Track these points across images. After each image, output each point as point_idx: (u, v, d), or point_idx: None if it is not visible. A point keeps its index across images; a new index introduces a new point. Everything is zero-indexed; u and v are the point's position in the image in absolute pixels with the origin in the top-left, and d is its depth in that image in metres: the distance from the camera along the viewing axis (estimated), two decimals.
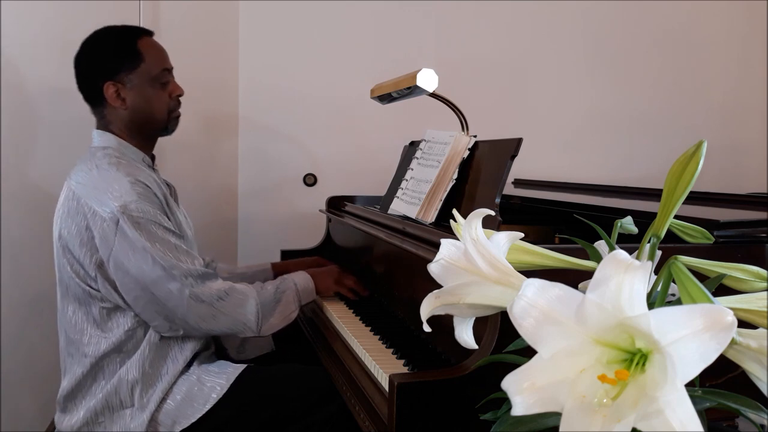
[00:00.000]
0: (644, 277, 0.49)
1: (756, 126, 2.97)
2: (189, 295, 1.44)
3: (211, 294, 1.47)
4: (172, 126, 1.67)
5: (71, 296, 1.52)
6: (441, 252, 0.65)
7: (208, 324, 1.48)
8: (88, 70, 1.60)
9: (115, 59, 1.58)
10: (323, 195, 2.27)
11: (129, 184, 1.46)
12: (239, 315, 1.50)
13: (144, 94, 1.59)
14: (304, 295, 1.65)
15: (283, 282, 1.62)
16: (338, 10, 2.55)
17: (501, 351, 0.73)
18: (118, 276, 1.45)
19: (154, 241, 1.44)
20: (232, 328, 1.51)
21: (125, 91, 1.57)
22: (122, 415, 1.48)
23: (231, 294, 1.49)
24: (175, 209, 1.60)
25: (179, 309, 1.44)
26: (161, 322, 1.47)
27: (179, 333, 1.49)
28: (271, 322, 1.55)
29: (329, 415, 1.46)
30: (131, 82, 1.58)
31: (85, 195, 1.47)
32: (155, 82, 1.60)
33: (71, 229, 1.48)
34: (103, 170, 1.49)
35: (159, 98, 1.61)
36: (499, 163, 1.37)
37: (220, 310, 1.47)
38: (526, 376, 0.51)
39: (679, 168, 0.60)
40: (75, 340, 1.52)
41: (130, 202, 1.43)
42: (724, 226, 1.23)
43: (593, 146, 2.83)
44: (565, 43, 2.78)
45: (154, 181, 1.54)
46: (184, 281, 1.44)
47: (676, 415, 0.45)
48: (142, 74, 1.58)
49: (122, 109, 1.58)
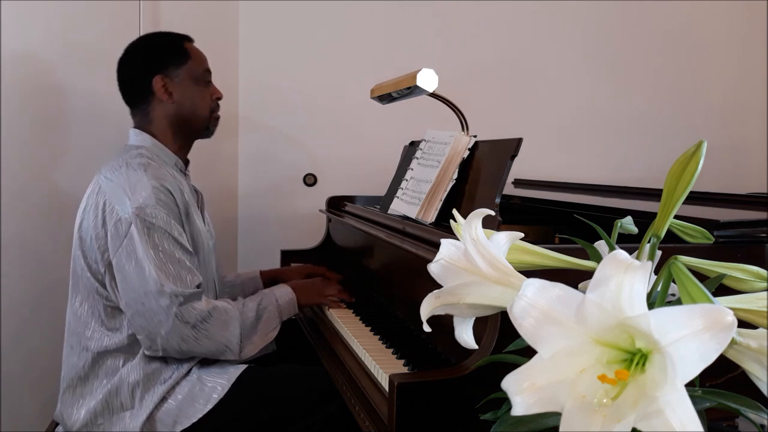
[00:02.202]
0: (644, 277, 0.49)
1: (756, 126, 2.97)
2: (175, 314, 1.42)
3: (196, 315, 1.44)
4: (213, 126, 1.72)
5: (81, 288, 1.53)
6: (441, 252, 0.65)
7: (189, 346, 1.45)
8: (138, 67, 1.65)
9: (164, 55, 1.64)
10: (323, 195, 2.27)
11: (151, 188, 1.46)
12: (222, 338, 1.47)
13: (190, 90, 1.65)
14: (286, 310, 1.63)
15: (265, 297, 1.61)
16: (338, 10, 2.55)
17: (501, 351, 0.73)
18: (118, 277, 1.46)
19: (158, 250, 1.44)
20: (213, 351, 1.48)
21: (173, 86, 1.63)
22: (122, 417, 1.48)
23: (214, 315, 1.46)
24: (195, 218, 1.59)
25: (164, 326, 1.42)
26: (144, 338, 1.45)
27: (159, 353, 1.46)
28: (254, 342, 1.53)
29: (329, 415, 1.46)
30: (179, 77, 1.64)
31: (108, 191, 1.49)
32: (200, 80, 1.67)
33: (90, 222, 1.50)
34: (131, 169, 1.50)
35: (203, 96, 1.68)
36: (499, 163, 1.37)
37: (202, 332, 1.45)
38: (526, 376, 0.51)
39: (679, 168, 0.60)
40: (77, 331, 1.53)
41: (146, 207, 1.44)
42: (724, 226, 1.23)
43: (593, 146, 2.83)
44: (565, 43, 2.78)
45: (179, 188, 1.53)
46: (173, 300, 1.42)
47: (676, 415, 0.45)
48: (189, 71, 1.65)
49: (169, 103, 1.63)
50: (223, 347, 1.48)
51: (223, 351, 1.49)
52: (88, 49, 2.08)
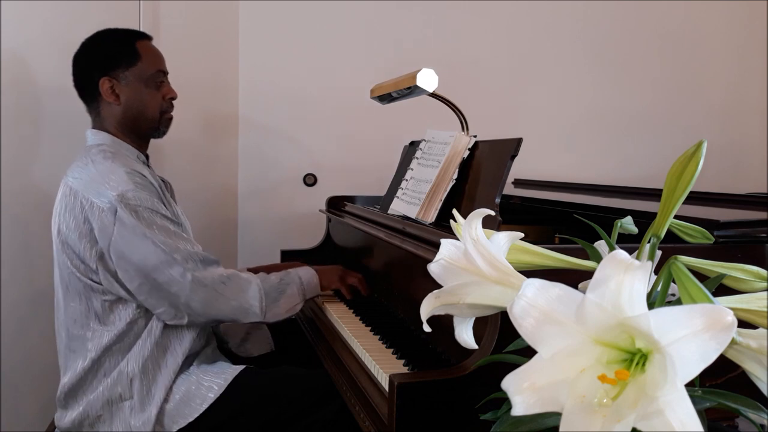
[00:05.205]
0: (644, 277, 0.49)
1: (756, 126, 2.98)
2: (191, 279, 1.44)
3: (214, 278, 1.47)
4: (163, 127, 1.69)
5: (72, 292, 1.52)
6: (441, 252, 0.65)
7: (211, 309, 1.47)
8: (86, 66, 1.63)
9: (112, 56, 1.61)
10: (323, 195, 2.27)
11: (126, 174, 1.47)
12: (242, 300, 1.50)
13: (138, 92, 1.62)
14: (309, 288, 1.64)
15: (288, 275, 1.62)
16: (338, 10, 2.55)
17: (501, 351, 0.73)
18: (120, 265, 1.46)
19: (153, 227, 1.45)
20: (236, 313, 1.51)
21: (120, 88, 1.60)
22: (121, 407, 1.48)
23: (233, 279, 1.50)
24: (172, 202, 1.61)
25: (182, 294, 1.44)
26: (166, 308, 1.47)
27: (184, 321, 1.49)
28: (276, 311, 1.55)
29: (329, 416, 1.47)
30: (126, 80, 1.61)
31: (82, 189, 1.48)
32: (150, 82, 1.63)
33: (70, 224, 1.48)
34: (98, 164, 1.50)
35: (152, 98, 1.64)
36: (499, 163, 1.37)
37: (222, 294, 1.47)
38: (526, 376, 0.51)
39: (679, 168, 0.60)
40: (78, 335, 1.52)
41: (127, 191, 1.44)
42: (724, 226, 1.23)
43: (593, 146, 2.83)
44: (565, 43, 2.78)
45: (150, 174, 1.55)
46: (185, 265, 1.44)
47: (676, 415, 0.45)
48: (138, 73, 1.62)
49: (116, 105, 1.61)
50: (245, 309, 1.50)
51: (246, 312, 1.51)
52: None
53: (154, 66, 1.64)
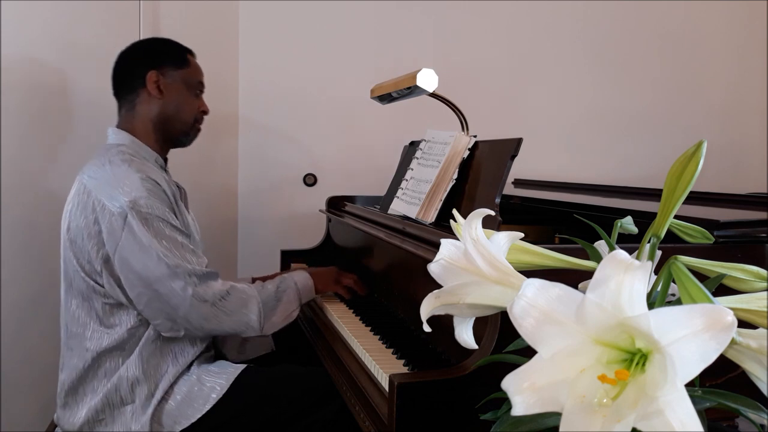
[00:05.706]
0: (644, 277, 0.49)
1: (756, 126, 2.98)
2: (192, 294, 1.44)
3: (214, 294, 1.47)
4: (193, 135, 1.73)
5: (75, 290, 1.53)
6: (441, 252, 0.65)
7: (210, 324, 1.47)
8: (135, 58, 1.67)
9: (165, 54, 1.68)
10: (323, 195, 2.27)
11: (140, 181, 1.47)
12: (242, 315, 1.50)
13: (180, 93, 1.67)
14: (305, 293, 1.65)
15: (284, 281, 1.62)
16: (338, 10, 2.55)
17: (501, 351, 0.73)
18: (123, 271, 1.46)
19: (161, 238, 1.45)
20: (234, 328, 1.51)
21: (165, 83, 1.65)
22: (123, 411, 1.48)
23: (232, 293, 1.49)
24: (183, 210, 1.61)
25: (182, 308, 1.44)
26: (163, 321, 1.47)
27: (180, 333, 1.49)
28: (273, 321, 1.55)
29: (329, 415, 1.47)
30: (172, 78, 1.66)
31: (95, 189, 1.48)
32: (192, 89, 1.69)
33: (80, 223, 1.49)
34: (115, 166, 1.51)
35: (191, 103, 1.69)
36: (499, 163, 1.37)
37: (222, 310, 1.47)
38: (526, 376, 0.51)
39: (679, 168, 0.60)
40: (77, 333, 1.52)
41: (139, 198, 1.45)
42: (724, 226, 1.23)
43: (593, 146, 2.83)
44: (565, 43, 2.78)
45: (164, 180, 1.55)
46: (187, 280, 1.44)
47: (676, 415, 0.45)
48: (184, 76, 1.68)
49: (157, 98, 1.64)
50: (244, 324, 1.51)
51: (245, 328, 1.51)
52: (88, 49, 2.08)
53: (198, 76, 1.72)
